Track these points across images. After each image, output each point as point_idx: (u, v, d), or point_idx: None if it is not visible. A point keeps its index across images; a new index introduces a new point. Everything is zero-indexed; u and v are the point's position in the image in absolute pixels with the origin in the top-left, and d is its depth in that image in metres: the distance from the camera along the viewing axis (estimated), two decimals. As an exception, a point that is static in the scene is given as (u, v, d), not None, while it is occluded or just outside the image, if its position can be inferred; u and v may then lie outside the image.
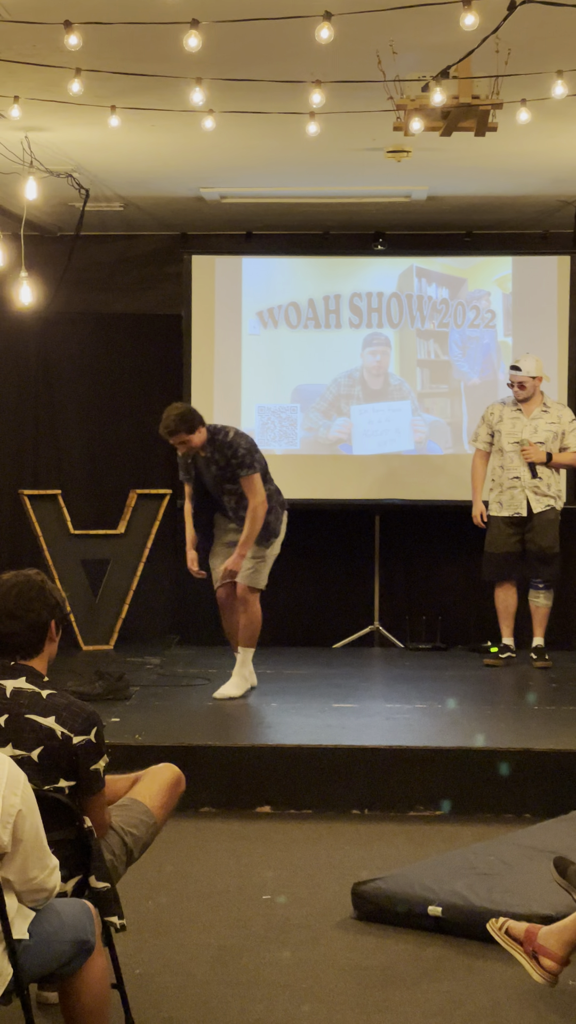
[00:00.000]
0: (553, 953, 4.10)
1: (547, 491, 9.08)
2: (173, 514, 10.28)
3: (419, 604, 10.42)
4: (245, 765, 6.77)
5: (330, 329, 10.32)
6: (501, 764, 6.65)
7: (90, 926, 3.65)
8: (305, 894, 5.47)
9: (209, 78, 6.30)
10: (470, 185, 9.25)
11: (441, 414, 10.32)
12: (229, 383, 10.30)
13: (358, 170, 8.79)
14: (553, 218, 10.16)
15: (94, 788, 3.97)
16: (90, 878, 3.91)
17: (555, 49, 6.16)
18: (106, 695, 7.80)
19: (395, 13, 5.55)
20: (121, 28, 5.76)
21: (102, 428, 10.67)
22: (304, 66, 6.30)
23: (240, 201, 9.72)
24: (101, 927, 3.80)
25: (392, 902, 5.14)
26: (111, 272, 10.79)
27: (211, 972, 4.65)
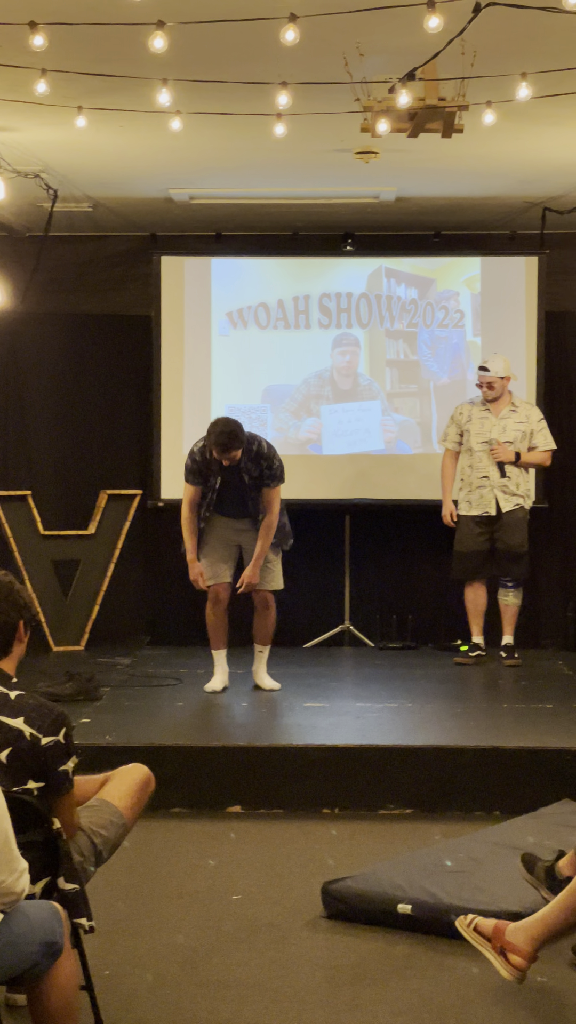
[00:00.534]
0: (521, 950, 4.12)
1: (516, 490, 9.12)
2: (143, 514, 10.30)
3: (389, 603, 10.44)
4: (215, 765, 6.77)
5: (299, 329, 10.34)
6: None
7: (59, 928, 3.65)
8: (275, 894, 5.48)
9: (175, 79, 6.31)
10: (438, 186, 9.28)
11: (411, 414, 10.34)
12: (199, 383, 10.30)
13: (327, 171, 8.81)
14: (520, 219, 10.20)
15: (63, 789, 3.96)
16: (59, 879, 3.91)
17: (520, 51, 6.19)
18: (76, 696, 7.80)
19: (361, 15, 5.57)
20: (87, 29, 5.77)
21: (72, 429, 10.65)
22: (271, 67, 6.31)
23: (209, 202, 9.72)
24: (70, 929, 3.80)
25: (362, 901, 5.16)
26: (80, 273, 10.78)
27: (181, 973, 4.65)
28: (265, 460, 7.90)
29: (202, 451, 7.94)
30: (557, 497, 10.43)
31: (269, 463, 7.90)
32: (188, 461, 8.02)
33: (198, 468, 7.96)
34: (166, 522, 10.47)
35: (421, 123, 6.42)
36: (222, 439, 7.71)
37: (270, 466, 7.91)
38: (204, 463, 7.92)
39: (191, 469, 7.99)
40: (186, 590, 10.42)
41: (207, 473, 7.94)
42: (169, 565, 10.59)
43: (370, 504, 10.32)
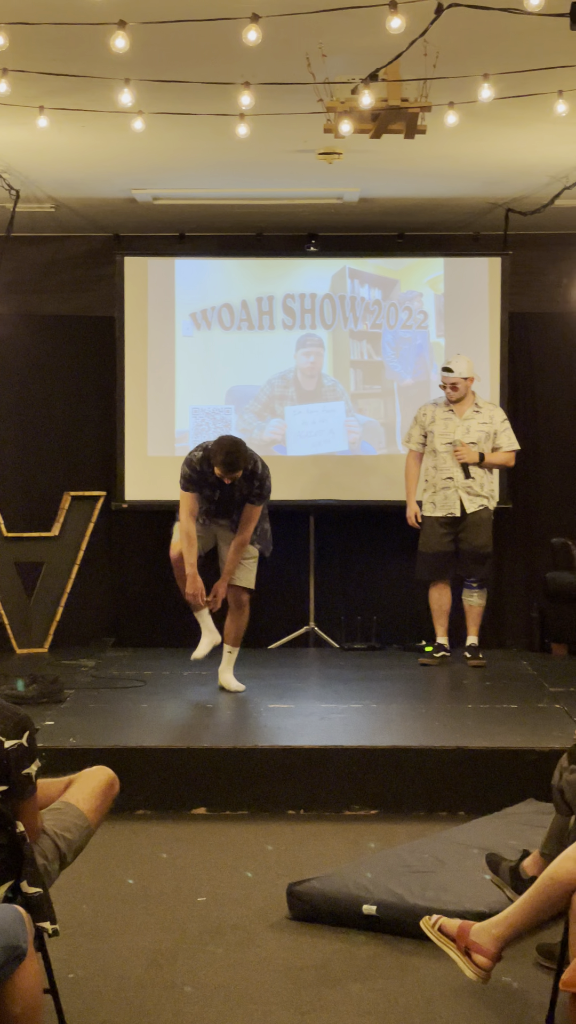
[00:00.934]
0: (485, 950, 4.12)
1: (480, 491, 9.14)
2: (107, 516, 10.27)
3: (354, 604, 10.45)
4: (180, 767, 6.75)
5: (263, 330, 10.33)
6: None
7: (22, 932, 3.63)
8: (240, 895, 5.47)
9: (137, 79, 6.30)
10: (402, 187, 9.30)
11: (375, 415, 10.35)
12: (163, 384, 10.28)
13: (290, 172, 8.81)
14: (484, 220, 10.22)
15: (26, 792, 3.94)
16: (22, 883, 3.88)
17: (482, 52, 6.21)
18: (40, 698, 7.77)
19: (324, 16, 5.58)
20: (48, 28, 5.75)
21: (35, 430, 10.62)
22: (233, 67, 6.31)
23: (173, 202, 9.71)
24: (33, 932, 3.78)
25: (327, 902, 5.15)
26: (43, 273, 10.74)
27: (145, 975, 4.63)
28: (258, 480, 7.96)
29: (201, 462, 7.92)
30: (521, 498, 10.46)
31: (261, 483, 7.97)
32: (186, 470, 7.98)
33: (196, 479, 7.95)
34: (130, 524, 10.48)
35: (384, 124, 6.43)
36: (230, 459, 7.73)
37: (261, 486, 7.98)
38: (202, 474, 7.93)
39: (189, 478, 7.96)
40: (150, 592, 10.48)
41: (203, 484, 7.95)
42: (133, 567, 10.62)
43: (334, 505, 10.32)
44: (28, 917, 3.72)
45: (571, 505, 10.56)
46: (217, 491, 7.97)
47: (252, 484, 7.95)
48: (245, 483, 7.93)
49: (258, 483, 7.96)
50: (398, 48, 5.79)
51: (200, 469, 7.92)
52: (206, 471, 7.90)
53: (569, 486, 10.61)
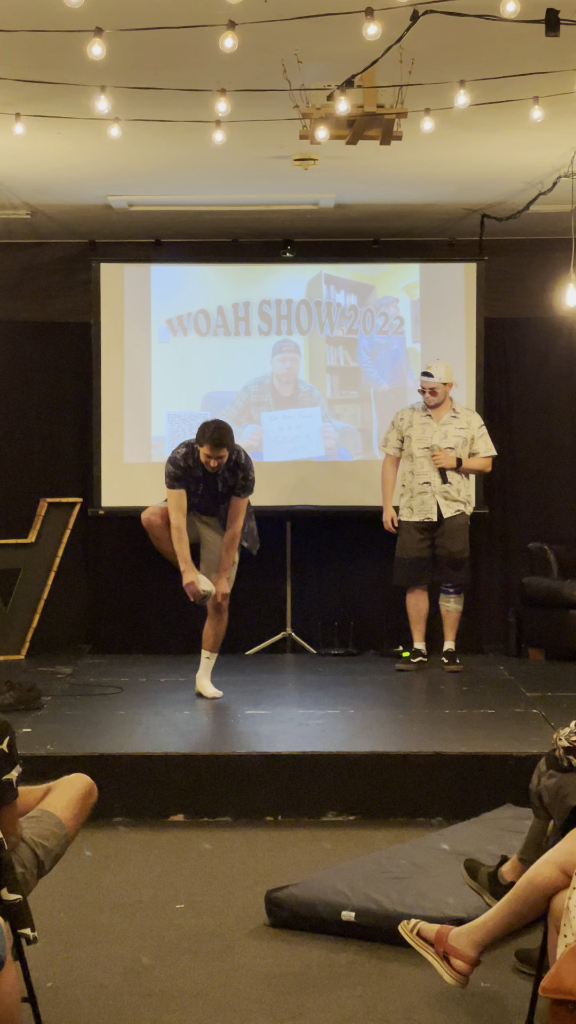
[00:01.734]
0: (464, 954, 4.12)
1: (457, 496, 9.16)
2: (84, 522, 10.26)
3: (331, 610, 10.46)
4: (158, 774, 6.74)
5: (240, 336, 10.33)
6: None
7: (0, 940, 3.62)
8: (218, 902, 5.46)
9: (114, 86, 6.30)
10: (377, 193, 9.31)
11: (351, 420, 10.36)
12: (139, 391, 10.27)
13: (266, 178, 8.82)
14: (459, 226, 10.25)
15: (6, 799, 3.93)
16: (1, 891, 3.88)
17: (457, 59, 6.22)
18: (17, 705, 7.74)
19: (299, 22, 5.58)
20: (24, 35, 5.74)
21: (11, 437, 10.60)
22: (209, 74, 6.32)
23: (148, 209, 9.70)
24: (12, 940, 3.78)
25: (305, 908, 5.14)
26: (18, 280, 10.72)
27: (124, 983, 4.62)
28: (242, 471, 8.01)
29: (186, 457, 7.96)
30: (497, 503, 10.49)
31: (246, 474, 8.02)
32: (170, 467, 8.00)
33: (180, 475, 7.97)
34: (107, 530, 10.47)
35: (360, 130, 6.45)
36: (217, 434, 7.80)
37: (246, 477, 8.02)
38: (187, 470, 7.95)
39: (174, 475, 7.98)
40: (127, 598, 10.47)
41: (188, 480, 7.96)
42: (110, 573, 10.60)
43: (311, 511, 10.32)
44: (6, 925, 3.71)
45: (547, 510, 10.59)
46: (201, 485, 7.98)
47: (236, 475, 7.98)
48: (230, 474, 7.96)
49: (242, 474, 8.00)
50: (374, 55, 5.80)
51: (185, 465, 7.95)
52: (191, 466, 7.93)
53: (545, 491, 10.64)
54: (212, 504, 8.09)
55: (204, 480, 7.98)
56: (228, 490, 8.02)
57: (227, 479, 7.98)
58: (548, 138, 7.61)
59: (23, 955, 3.96)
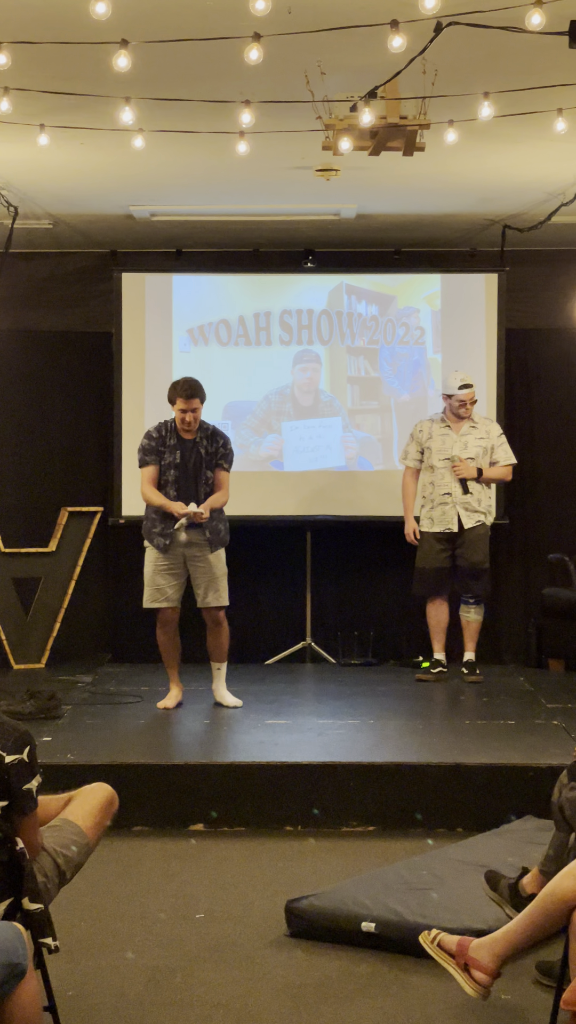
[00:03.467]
0: (485, 966, 4.12)
1: (478, 506, 9.15)
2: (104, 531, 10.27)
3: (351, 620, 10.45)
4: (178, 783, 6.75)
5: (260, 346, 10.35)
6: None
7: (22, 949, 3.63)
8: (239, 912, 5.46)
9: (138, 97, 6.32)
10: (399, 203, 9.32)
11: (372, 431, 10.36)
12: (160, 400, 10.18)
13: (287, 188, 8.83)
14: (481, 236, 10.25)
15: (27, 808, 3.94)
16: (23, 900, 3.88)
17: (481, 70, 6.23)
18: (37, 714, 7.76)
19: (323, 34, 5.59)
20: (50, 47, 5.76)
21: (33, 446, 10.63)
22: (233, 86, 6.33)
23: (170, 219, 9.72)
24: (33, 949, 3.78)
25: (325, 919, 5.15)
26: (41, 290, 10.75)
27: (144, 992, 4.62)
28: (221, 438, 8.14)
29: (159, 428, 8.11)
30: (518, 513, 10.48)
31: (225, 442, 8.15)
32: (143, 442, 8.12)
33: (154, 446, 8.06)
34: (127, 539, 10.46)
35: (383, 141, 6.45)
36: (187, 384, 8.00)
37: (225, 444, 8.13)
38: (160, 439, 8.05)
39: (146, 448, 8.08)
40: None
41: (163, 450, 8.03)
42: (130, 582, 10.57)
43: (331, 520, 10.32)
44: (28, 934, 3.72)
45: (568, 521, 10.57)
46: (178, 452, 8.03)
47: (216, 441, 8.09)
48: (209, 442, 8.06)
49: (221, 440, 8.12)
50: (397, 66, 5.81)
51: (158, 435, 8.08)
52: (164, 435, 8.06)
53: (566, 502, 10.62)
54: (193, 474, 8.05)
55: (181, 447, 8.03)
56: (210, 458, 8.07)
57: (206, 445, 8.06)
58: (570, 149, 7.61)
59: (44, 964, 3.97)
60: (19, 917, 3.84)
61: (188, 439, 8.04)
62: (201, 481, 8.08)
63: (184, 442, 8.03)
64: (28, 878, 3.90)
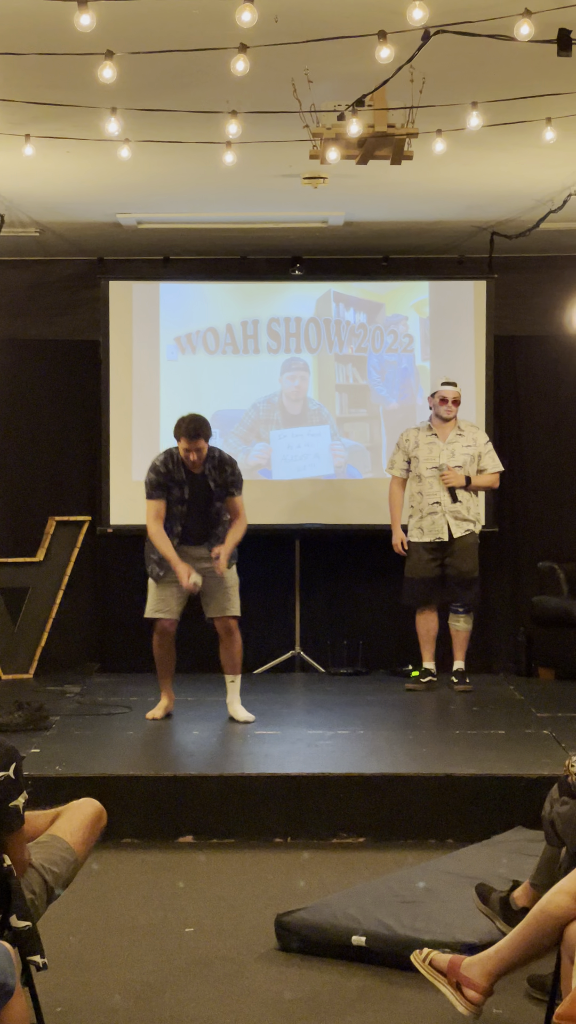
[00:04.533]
0: (476, 984, 4.09)
1: (467, 515, 9.13)
2: (92, 541, 10.24)
3: (340, 628, 10.42)
4: (167, 794, 6.71)
5: (248, 354, 10.32)
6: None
7: (9, 968, 3.59)
8: (228, 926, 5.43)
9: (124, 108, 6.29)
10: (387, 211, 9.30)
11: (360, 439, 10.34)
12: (148, 409, 10.26)
13: (275, 196, 8.82)
14: (469, 243, 10.24)
15: (13, 825, 3.91)
16: (11, 917, 3.85)
17: (469, 79, 6.21)
18: (26, 725, 7.72)
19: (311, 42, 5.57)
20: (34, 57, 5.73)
21: (20, 455, 10.59)
22: (220, 95, 6.30)
23: (157, 227, 9.71)
24: (21, 967, 3.75)
25: (316, 933, 5.11)
26: (27, 298, 10.72)
27: (134, 1008, 4.59)
28: (228, 465, 7.94)
29: (165, 462, 7.89)
30: (507, 522, 10.47)
31: (233, 467, 7.96)
32: (150, 475, 7.91)
33: (161, 481, 7.87)
34: (116, 548, 10.44)
35: (370, 150, 6.43)
36: (193, 425, 7.76)
37: (233, 471, 7.95)
38: (167, 474, 7.86)
39: (154, 483, 7.88)
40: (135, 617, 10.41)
41: (171, 485, 7.88)
42: (118, 592, 10.57)
43: (320, 529, 10.30)
44: (15, 952, 3.69)
45: (557, 529, 10.56)
46: (186, 487, 7.89)
47: (224, 471, 7.91)
48: (217, 472, 7.89)
49: (229, 467, 7.94)
50: (385, 74, 5.79)
51: (166, 470, 7.87)
52: (172, 469, 7.87)
53: (555, 510, 10.61)
54: (205, 511, 7.95)
55: (190, 482, 7.88)
56: (220, 490, 7.92)
57: (215, 476, 7.90)
58: (559, 156, 7.60)
59: (32, 982, 3.93)
60: (6, 935, 3.81)
61: (196, 472, 7.89)
62: (211, 513, 7.98)
63: (193, 476, 7.88)
64: (15, 895, 3.87)
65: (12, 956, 3.64)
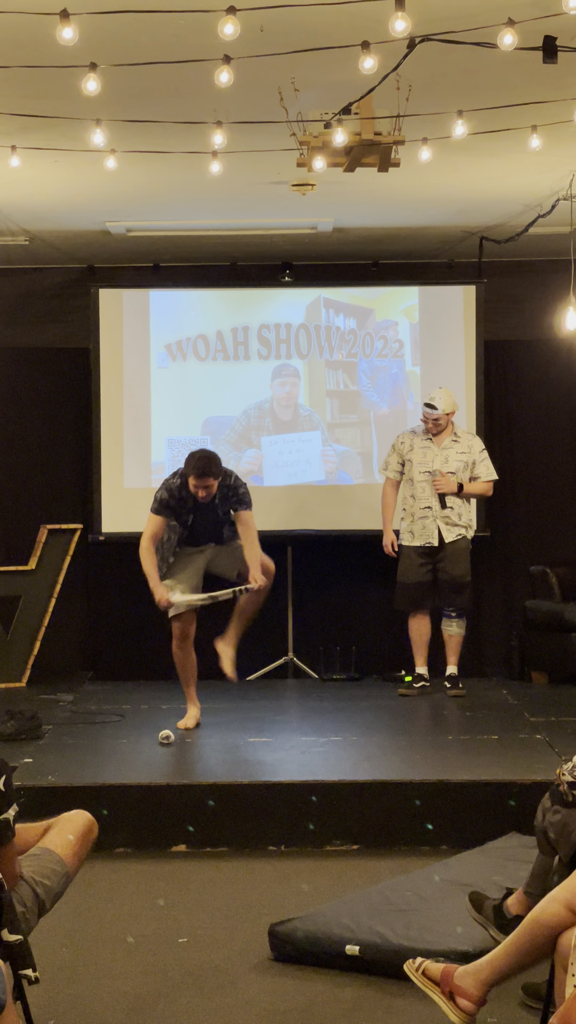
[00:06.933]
0: (469, 993, 4.08)
1: (458, 520, 9.13)
2: (84, 549, 10.22)
3: (333, 634, 10.41)
4: (159, 804, 6.69)
5: (239, 361, 10.32)
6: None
7: (1, 983, 3.58)
8: (222, 936, 5.41)
9: (109, 119, 6.29)
10: (375, 216, 9.31)
11: (351, 444, 10.34)
12: (138, 416, 10.25)
13: (264, 203, 8.82)
14: (458, 248, 10.24)
15: (4, 838, 3.90)
16: (2, 931, 3.84)
17: (455, 85, 6.22)
18: (18, 735, 7.71)
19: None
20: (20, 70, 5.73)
21: (11, 463, 10.57)
22: (206, 105, 6.31)
23: (146, 234, 9.70)
24: (13, 981, 3.74)
25: (309, 942, 5.10)
26: (17, 306, 10.71)
27: (127, 1021, 4.57)
28: (231, 489, 7.94)
29: (180, 488, 7.87)
30: (499, 526, 10.46)
31: (235, 489, 7.95)
32: (163, 493, 7.92)
33: (172, 505, 7.89)
34: (108, 556, 10.43)
35: (357, 158, 6.43)
36: (201, 464, 7.74)
37: (236, 491, 7.95)
38: (179, 500, 7.88)
39: (164, 502, 7.89)
40: (128, 624, 10.43)
41: (180, 510, 7.90)
42: (111, 599, 10.57)
43: (312, 535, 10.29)
44: (7, 966, 3.68)
45: (549, 533, 10.57)
46: (193, 515, 7.91)
47: (229, 498, 7.94)
48: (223, 500, 7.92)
49: (232, 491, 7.94)
50: (371, 82, 5.79)
51: (180, 496, 7.87)
52: (185, 496, 7.87)
53: (546, 514, 10.61)
54: (212, 529, 8.02)
55: (198, 510, 7.91)
56: (227, 515, 7.98)
57: (222, 506, 7.94)
58: (547, 162, 7.61)
59: (24, 994, 3.92)
60: (-2, 949, 3.81)
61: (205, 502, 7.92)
62: (216, 531, 8.04)
63: (201, 506, 7.90)
64: (7, 909, 3.86)
65: (3, 970, 3.63)
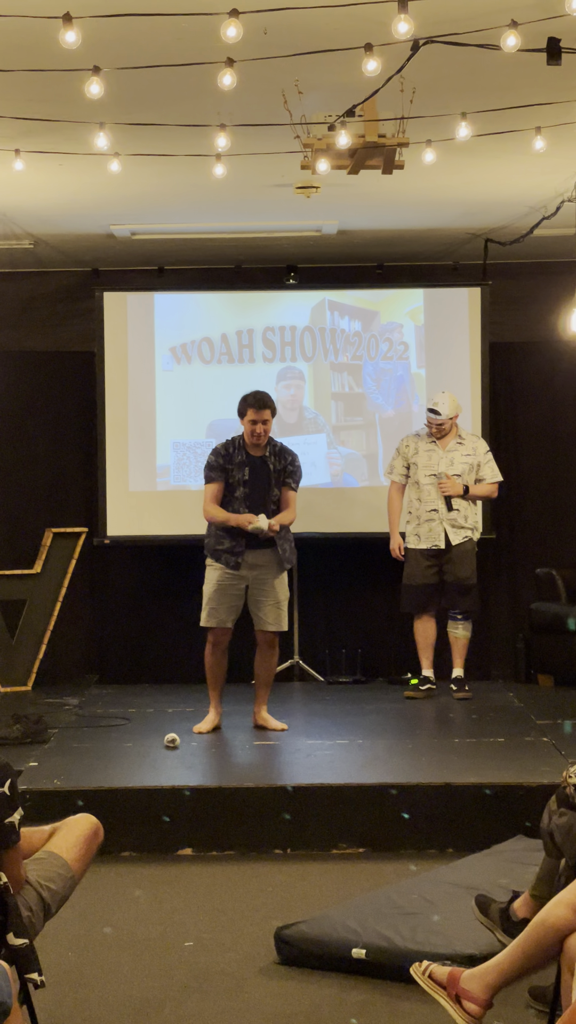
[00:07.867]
0: (476, 997, 4.08)
1: (464, 523, 9.12)
2: (89, 552, 10.21)
3: (339, 637, 10.40)
4: (165, 807, 6.69)
5: (244, 363, 10.31)
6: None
7: (6, 987, 3.58)
8: (228, 939, 5.41)
9: (112, 123, 6.29)
10: (380, 219, 9.30)
11: (356, 447, 10.33)
12: (143, 419, 10.24)
13: (268, 205, 8.82)
14: (463, 250, 10.23)
15: (9, 842, 3.89)
16: (8, 935, 3.84)
17: (459, 87, 6.21)
18: (24, 739, 7.70)
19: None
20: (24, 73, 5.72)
21: (16, 467, 10.57)
22: (209, 108, 6.30)
23: (151, 237, 9.70)
24: (19, 986, 3.73)
25: (316, 946, 5.09)
26: (22, 309, 10.71)
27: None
28: (289, 455, 8.13)
29: (227, 446, 8.07)
30: (504, 528, 10.45)
31: (293, 459, 8.13)
32: (211, 458, 8.09)
33: (220, 463, 8.03)
34: (113, 559, 10.43)
35: (361, 160, 6.43)
36: (259, 395, 8.01)
37: (293, 462, 8.12)
38: (228, 457, 8.02)
39: (213, 465, 8.05)
40: (133, 628, 10.43)
41: (231, 467, 8.00)
42: (116, 603, 10.56)
43: (317, 538, 10.27)
44: (12, 970, 3.67)
45: (555, 535, 10.55)
46: (246, 468, 8.01)
47: (285, 458, 8.08)
48: (277, 459, 8.04)
49: (290, 457, 8.11)
50: (375, 84, 5.78)
51: (227, 453, 8.04)
52: (232, 452, 8.02)
53: (552, 516, 10.60)
54: (263, 488, 8.03)
55: (250, 464, 8.01)
56: (277, 475, 8.04)
57: (275, 462, 8.04)
58: (551, 163, 7.59)
59: (30, 999, 3.91)
60: (3, 953, 3.80)
61: (257, 455, 8.02)
62: (269, 499, 8.06)
63: (253, 459, 8.02)
64: (12, 913, 3.85)
65: (9, 974, 3.63)
